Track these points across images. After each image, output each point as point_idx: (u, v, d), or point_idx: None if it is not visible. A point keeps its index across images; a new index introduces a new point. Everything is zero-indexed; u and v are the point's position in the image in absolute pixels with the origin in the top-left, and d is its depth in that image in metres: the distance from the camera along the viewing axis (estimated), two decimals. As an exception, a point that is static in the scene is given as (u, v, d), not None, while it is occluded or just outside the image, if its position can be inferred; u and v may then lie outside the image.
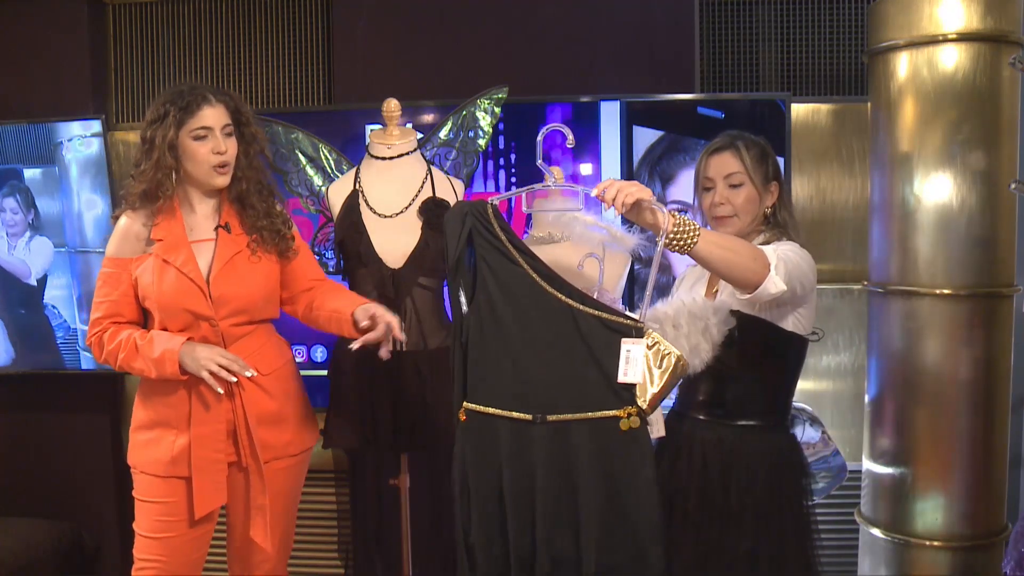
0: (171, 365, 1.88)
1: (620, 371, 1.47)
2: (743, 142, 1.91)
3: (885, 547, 2.42)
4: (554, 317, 1.48)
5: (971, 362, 2.30)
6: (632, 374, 1.46)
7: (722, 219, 1.89)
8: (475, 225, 1.52)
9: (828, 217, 2.88)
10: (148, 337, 1.92)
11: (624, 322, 1.48)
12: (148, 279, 1.92)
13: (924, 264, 2.32)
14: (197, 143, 1.91)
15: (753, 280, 1.63)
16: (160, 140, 1.89)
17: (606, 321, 1.46)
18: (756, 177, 1.88)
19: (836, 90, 2.99)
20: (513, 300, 1.49)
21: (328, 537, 3.04)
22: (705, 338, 1.73)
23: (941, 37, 2.27)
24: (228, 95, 1.96)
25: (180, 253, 1.93)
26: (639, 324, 1.49)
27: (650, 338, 1.49)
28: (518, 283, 1.49)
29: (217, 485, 1.96)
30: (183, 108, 1.89)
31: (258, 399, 1.98)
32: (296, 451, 2.08)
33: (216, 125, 1.91)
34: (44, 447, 3.20)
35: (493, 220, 1.52)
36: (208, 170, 1.93)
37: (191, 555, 2.01)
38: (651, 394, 1.48)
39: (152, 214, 1.95)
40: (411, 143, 2.31)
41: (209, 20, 3.20)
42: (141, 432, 2.00)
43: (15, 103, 3.10)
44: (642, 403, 1.49)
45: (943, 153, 2.28)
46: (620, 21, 2.90)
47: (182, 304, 1.92)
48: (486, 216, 1.52)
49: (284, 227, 2.03)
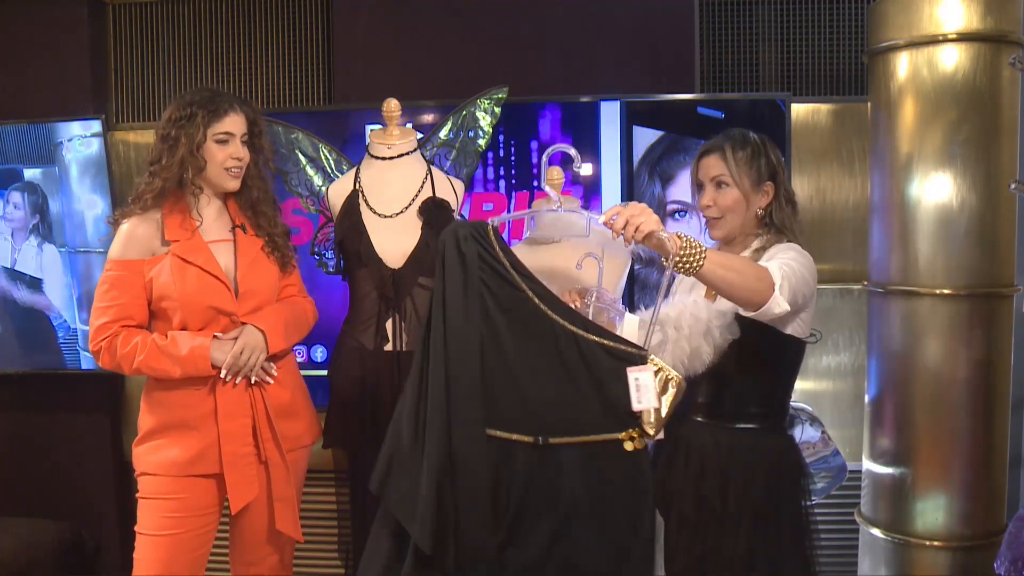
0: (202, 362, 1.92)
1: (633, 400, 1.49)
2: (731, 144, 1.90)
3: (885, 547, 2.42)
4: (556, 342, 1.49)
5: (971, 362, 2.30)
6: (646, 401, 1.49)
7: (712, 220, 1.91)
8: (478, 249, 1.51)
9: (828, 217, 2.88)
10: (170, 336, 1.94)
11: (627, 349, 1.49)
12: (166, 278, 1.94)
13: (924, 264, 2.32)
14: (218, 146, 1.98)
15: (757, 300, 1.63)
16: (187, 139, 1.94)
17: (609, 348, 1.48)
18: (743, 179, 1.87)
19: (836, 90, 2.99)
20: (515, 324, 1.50)
21: (328, 537, 3.04)
22: (707, 341, 1.73)
23: (941, 37, 2.27)
24: (250, 106, 2.05)
25: (200, 252, 1.97)
26: (643, 352, 1.51)
27: (653, 364, 1.52)
28: (520, 307, 1.50)
29: (249, 479, 1.99)
30: (211, 111, 1.96)
31: (274, 390, 2.04)
32: (308, 441, 2.15)
33: (237, 132, 2.00)
34: (44, 447, 3.20)
35: (495, 242, 1.52)
36: (222, 172, 2.00)
37: (194, 553, 2.01)
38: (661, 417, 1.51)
39: (161, 216, 1.98)
40: (411, 143, 2.31)
41: (209, 20, 3.20)
42: (151, 439, 2.01)
43: (15, 103, 3.09)
44: (649, 427, 1.51)
45: (943, 153, 2.28)
46: (620, 21, 2.90)
47: (206, 301, 1.96)
48: (487, 239, 1.52)
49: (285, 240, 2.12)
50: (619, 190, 2.74)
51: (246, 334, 1.97)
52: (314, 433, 2.18)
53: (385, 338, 2.22)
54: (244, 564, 2.11)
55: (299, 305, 2.16)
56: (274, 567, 2.11)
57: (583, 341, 1.48)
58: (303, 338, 2.18)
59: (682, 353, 1.72)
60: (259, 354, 1.98)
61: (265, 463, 2.02)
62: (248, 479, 1.99)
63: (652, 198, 2.74)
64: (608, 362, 1.49)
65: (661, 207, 2.74)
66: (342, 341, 2.28)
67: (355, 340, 2.24)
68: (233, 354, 1.94)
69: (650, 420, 1.50)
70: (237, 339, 1.96)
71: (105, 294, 1.97)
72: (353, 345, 2.24)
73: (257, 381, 2.01)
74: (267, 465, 2.02)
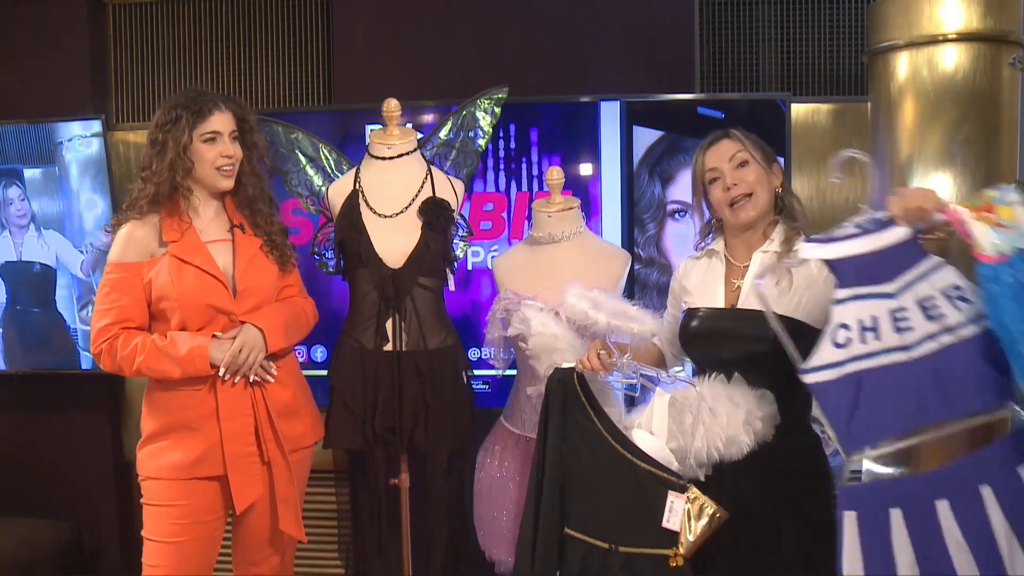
0: (201, 361, 1.92)
1: (664, 518, 1.68)
2: (737, 129, 1.88)
3: (885, 547, 2.42)
4: (619, 467, 1.76)
5: (971, 362, 2.29)
6: (672, 522, 1.68)
7: (740, 203, 1.83)
8: (568, 393, 1.84)
9: (828, 217, 2.84)
10: (169, 337, 1.94)
11: (671, 478, 1.71)
12: (165, 279, 1.95)
13: (924, 264, 2.32)
14: (206, 146, 1.98)
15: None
16: (173, 143, 1.95)
17: (657, 476, 1.71)
18: (759, 154, 1.84)
19: (836, 90, 2.99)
20: (593, 452, 1.79)
21: (328, 537, 3.04)
22: (746, 431, 1.71)
23: (941, 37, 2.27)
24: (236, 103, 2.04)
25: (197, 252, 1.98)
26: (683, 482, 1.70)
27: (692, 492, 1.68)
28: (596, 439, 1.79)
29: (252, 479, 2.00)
30: (195, 112, 1.96)
31: (275, 390, 2.04)
32: (310, 442, 2.15)
33: (225, 130, 1.99)
34: (44, 447, 3.20)
35: (579, 388, 1.83)
36: (213, 172, 1.99)
37: (202, 558, 2.01)
38: (689, 542, 1.67)
39: (159, 218, 1.98)
40: (411, 143, 2.31)
41: (209, 20, 3.20)
42: (153, 442, 2.00)
43: (15, 103, 3.10)
44: (681, 548, 1.67)
45: (943, 153, 2.29)
46: (620, 21, 2.90)
47: (204, 300, 1.96)
48: (574, 385, 1.83)
49: (283, 239, 2.12)
50: (619, 190, 2.74)
51: (245, 332, 1.97)
52: (316, 433, 2.18)
53: (385, 338, 2.22)
54: (246, 564, 2.11)
55: (299, 305, 2.16)
56: (275, 568, 2.11)
57: (639, 469, 1.73)
58: (303, 338, 2.18)
59: (715, 439, 1.72)
60: (258, 353, 1.98)
61: (268, 464, 2.02)
62: (251, 480, 1.99)
63: (652, 198, 2.74)
64: (656, 487, 1.71)
65: (661, 207, 2.74)
66: (342, 341, 2.28)
67: (355, 340, 2.24)
68: (232, 352, 1.94)
69: (683, 541, 1.67)
70: (236, 338, 1.97)
71: (105, 297, 1.97)
72: (353, 345, 2.24)
73: (256, 380, 2.00)
74: (270, 466, 2.02)
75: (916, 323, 1.36)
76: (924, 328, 1.36)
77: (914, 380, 1.35)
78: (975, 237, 1.31)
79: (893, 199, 1.43)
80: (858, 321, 1.40)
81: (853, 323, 1.40)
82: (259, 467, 2.01)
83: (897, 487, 1.42)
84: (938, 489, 1.36)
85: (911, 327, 1.36)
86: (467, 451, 2.36)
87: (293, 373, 2.14)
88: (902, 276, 1.40)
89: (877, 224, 1.47)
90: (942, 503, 1.34)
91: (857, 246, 1.46)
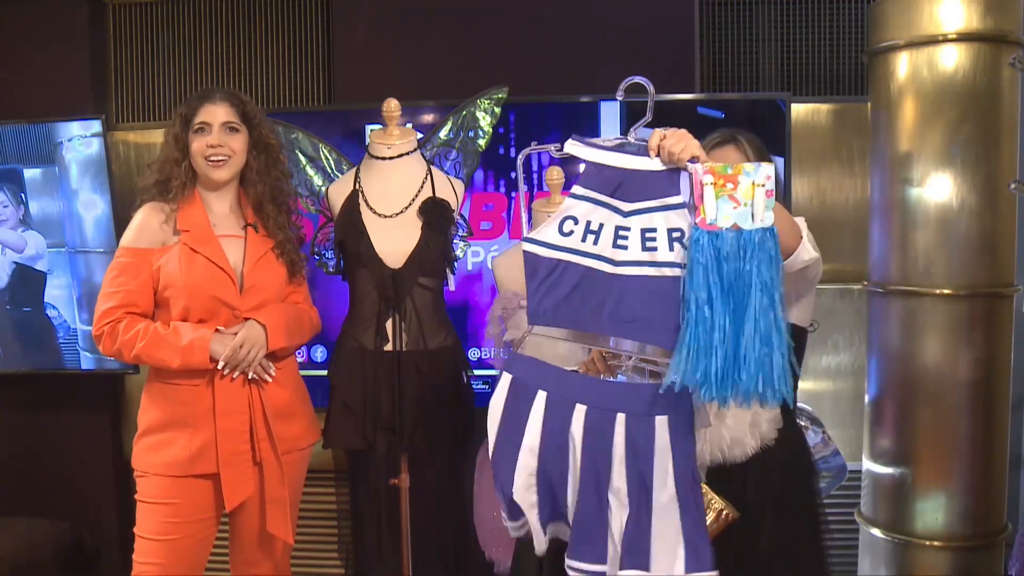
0: (201, 353, 1.92)
1: None
2: (743, 136, 1.90)
3: (885, 547, 2.42)
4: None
5: (971, 362, 2.30)
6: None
7: None
8: None
9: (828, 217, 2.88)
10: (172, 327, 1.95)
11: None
12: (174, 267, 1.95)
13: (924, 264, 2.32)
14: (196, 136, 2.00)
15: (789, 246, 1.59)
16: (170, 136, 2.02)
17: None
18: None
19: (836, 90, 2.99)
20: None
21: (328, 537, 3.04)
22: (752, 434, 1.73)
23: (941, 37, 2.27)
24: (236, 96, 2.05)
25: (209, 243, 1.99)
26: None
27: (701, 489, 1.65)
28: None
29: (244, 477, 1.99)
30: (191, 106, 2.01)
31: (272, 390, 2.04)
32: (304, 445, 2.14)
33: (215, 121, 2.00)
34: (44, 447, 3.20)
35: None
36: (203, 163, 2.01)
37: (194, 557, 2.01)
38: None
39: (175, 206, 2.00)
40: (411, 143, 2.31)
41: (209, 20, 3.20)
42: (151, 435, 2.00)
43: (15, 103, 3.09)
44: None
45: (943, 153, 2.29)
46: (620, 21, 2.90)
47: (210, 291, 1.96)
48: None
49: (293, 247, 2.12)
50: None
51: (247, 328, 1.98)
52: (312, 436, 2.17)
53: (385, 338, 2.22)
54: (243, 564, 2.11)
55: (303, 310, 2.16)
56: (269, 569, 2.11)
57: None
58: (304, 342, 2.18)
59: (721, 440, 1.74)
60: (259, 349, 1.98)
61: (259, 464, 2.01)
62: (243, 478, 1.99)
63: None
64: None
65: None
66: (342, 341, 2.28)
67: (355, 340, 2.24)
68: (232, 346, 1.94)
69: None
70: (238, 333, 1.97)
71: (113, 280, 1.98)
72: (353, 345, 2.24)
73: (255, 378, 2.00)
74: (261, 466, 2.02)
75: (632, 246, 1.44)
76: (636, 254, 1.43)
77: (604, 291, 1.43)
78: (704, 201, 1.37)
79: (657, 132, 1.50)
80: (587, 221, 1.47)
81: (581, 220, 1.48)
82: (251, 466, 2.00)
83: (552, 374, 1.48)
84: (580, 392, 1.45)
85: (626, 247, 1.44)
86: (467, 451, 2.36)
87: (292, 375, 2.14)
88: (640, 202, 1.47)
89: (639, 149, 1.53)
90: (580, 407, 1.43)
91: (613, 159, 1.52)
